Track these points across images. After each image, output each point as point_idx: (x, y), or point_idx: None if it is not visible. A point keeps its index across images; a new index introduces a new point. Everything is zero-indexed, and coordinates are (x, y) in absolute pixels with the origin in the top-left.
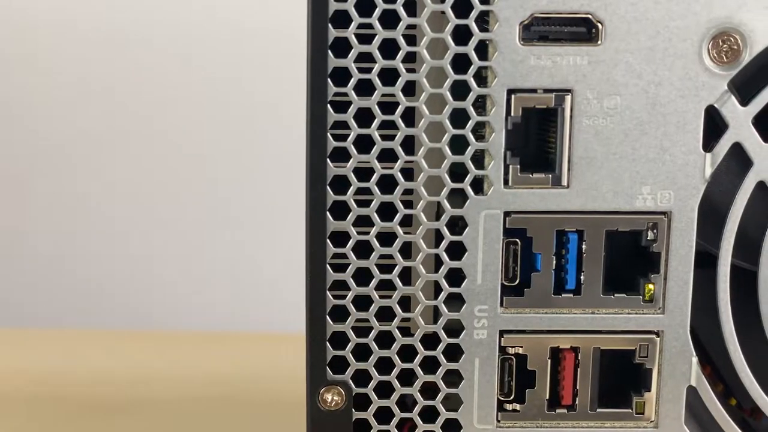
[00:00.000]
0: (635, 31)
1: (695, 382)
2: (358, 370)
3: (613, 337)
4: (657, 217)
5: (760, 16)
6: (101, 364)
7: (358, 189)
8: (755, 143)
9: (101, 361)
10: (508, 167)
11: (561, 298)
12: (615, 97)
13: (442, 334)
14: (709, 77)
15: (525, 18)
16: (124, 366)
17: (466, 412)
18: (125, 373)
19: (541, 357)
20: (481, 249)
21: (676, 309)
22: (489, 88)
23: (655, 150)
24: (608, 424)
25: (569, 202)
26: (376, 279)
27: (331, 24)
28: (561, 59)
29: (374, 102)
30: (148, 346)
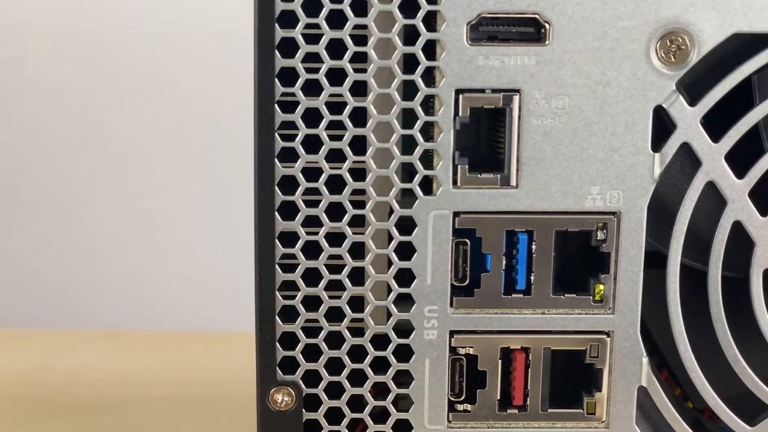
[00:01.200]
0: (583, 32)
1: (646, 382)
2: (308, 371)
3: (564, 337)
4: (606, 217)
5: (708, 16)
6: (79, 363)
7: (306, 189)
8: (704, 143)
9: (80, 361)
10: (456, 167)
11: (511, 299)
12: (563, 97)
13: (392, 334)
14: (657, 77)
15: (472, 18)
16: (103, 366)
17: (416, 413)
18: (105, 373)
19: (491, 357)
20: (430, 249)
21: (627, 309)
22: (437, 88)
23: (603, 150)
24: (559, 424)
25: (518, 203)
26: (326, 279)
27: (278, 24)
28: (509, 59)
29: (322, 102)
30: (127, 346)
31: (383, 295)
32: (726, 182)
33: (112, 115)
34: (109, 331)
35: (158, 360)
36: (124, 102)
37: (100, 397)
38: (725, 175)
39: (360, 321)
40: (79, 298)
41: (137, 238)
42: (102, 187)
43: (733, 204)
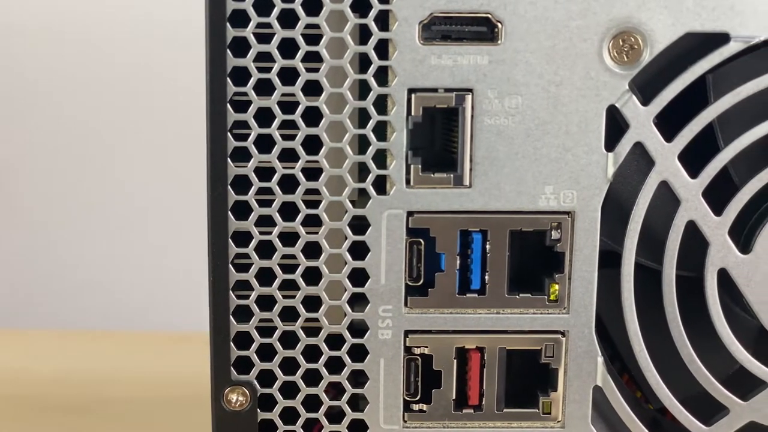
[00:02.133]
0: (535, 31)
1: (601, 381)
2: (263, 371)
3: (519, 336)
4: (560, 216)
5: (660, 15)
6: (61, 364)
7: (259, 189)
8: (657, 143)
9: (62, 361)
10: (409, 167)
11: (466, 298)
12: (516, 96)
13: (347, 334)
14: (610, 77)
15: (424, 17)
16: (86, 366)
17: (372, 413)
18: (87, 374)
19: (446, 357)
20: (384, 249)
21: (581, 309)
22: (390, 88)
23: (557, 150)
24: (515, 424)
25: (472, 202)
26: (280, 279)
27: (229, 23)
28: (461, 58)
29: (274, 101)
30: (108, 347)
31: (338, 294)
32: (679, 182)
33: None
34: (91, 331)
35: (141, 360)
36: (101, 102)
37: (81, 398)
38: (678, 175)
39: (314, 321)
40: (60, 298)
41: (119, 238)
42: (84, 188)
43: (687, 204)
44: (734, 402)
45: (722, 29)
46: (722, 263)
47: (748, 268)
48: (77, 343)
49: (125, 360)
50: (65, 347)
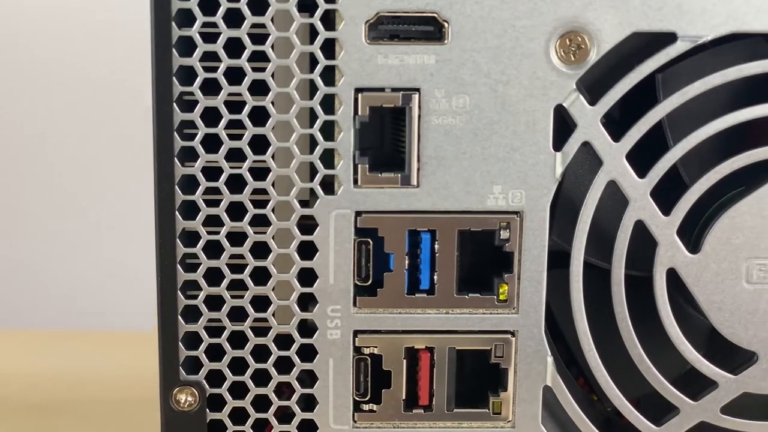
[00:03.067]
0: (481, 30)
1: (551, 381)
2: (212, 371)
3: (469, 336)
4: (509, 216)
5: (607, 15)
6: (37, 364)
7: (207, 189)
8: (605, 142)
9: (38, 362)
10: (357, 167)
11: (415, 298)
12: (463, 96)
13: (296, 334)
14: (557, 76)
15: (370, 17)
16: (62, 366)
17: (321, 413)
18: (64, 374)
19: (396, 357)
20: (332, 249)
21: (531, 309)
22: (336, 87)
23: (505, 149)
24: (465, 424)
25: (420, 202)
26: (228, 279)
27: (174, 23)
28: (408, 58)
29: (221, 101)
30: (87, 346)
31: (286, 294)
32: (627, 181)
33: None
34: (70, 331)
35: (117, 360)
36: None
37: (58, 398)
38: (626, 175)
39: (263, 321)
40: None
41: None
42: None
43: (635, 203)
44: (684, 402)
45: (669, 29)
46: (671, 263)
47: (696, 267)
48: (52, 343)
49: (101, 360)
50: (40, 347)
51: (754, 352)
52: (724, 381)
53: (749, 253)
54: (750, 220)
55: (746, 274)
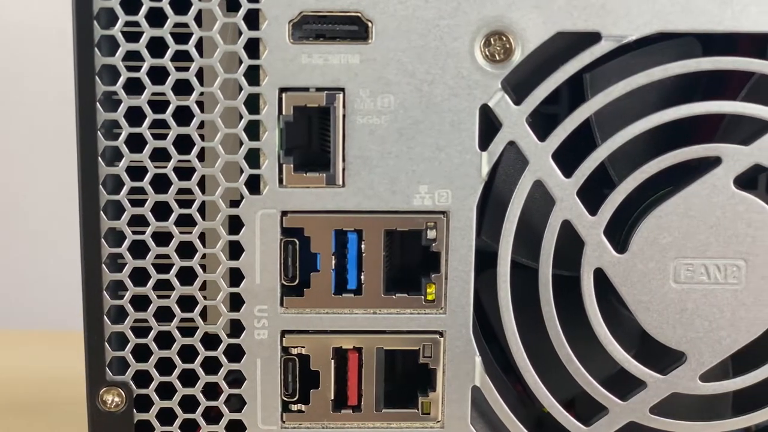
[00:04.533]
0: (406, 30)
1: (479, 382)
2: (138, 371)
3: (397, 337)
4: (436, 216)
5: (531, 15)
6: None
7: (131, 188)
8: (530, 142)
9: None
10: (282, 166)
11: (342, 298)
12: (388, 95)
13: (223, 334)
14: (482, 76)
15: (294, 16)
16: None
17: (250, 413)
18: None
19: (324, 357)
20: (258, 249)
21: (458, 309)
22: (261, 87)
23: (431, 149)
24: (394, 424)
25: (346, 202)
26: (154, 279)
27: (96, 22)
28: (332, 57)
29: (144, 101)
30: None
31: (213, 294)
32: (553, 181)
33: None
34: (45, 331)
35: None
36: None
37: (34, 398)
38: (553, 174)
39: (190, 321)
40: None
41: None
42: None
43: (562, 203)
44: (613, 402)
45: (593, 28)
46: (598, 263)
47: (624, 267)
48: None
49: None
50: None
51: (683, 353)
52: (653, 381)
53: (676, 252)
54: (677, 220)
55: (674, 274)
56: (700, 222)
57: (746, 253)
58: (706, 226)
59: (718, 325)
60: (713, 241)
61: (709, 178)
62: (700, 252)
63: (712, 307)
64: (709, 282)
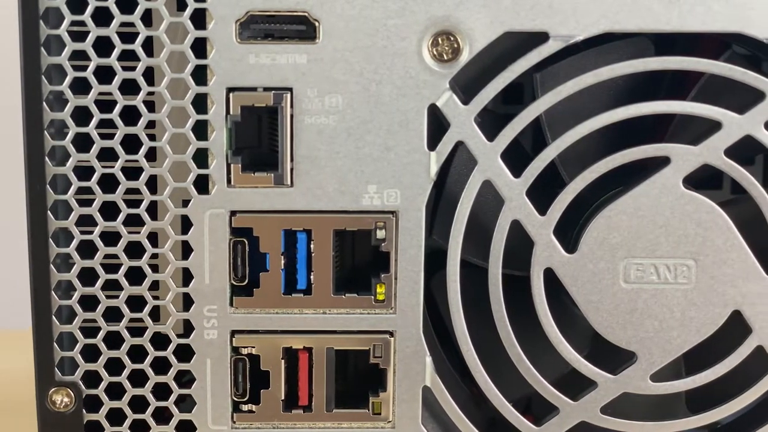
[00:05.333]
0: (353, 29)
1: (430, 382)
2: (88, 371)
3: (347, 337)
4: (385, 216)
5: (479, 14)
6: None
7: (79, 188)
8: (479, 142)
9: None
10: (230, 166)
11: (292, 298)
12: (336, 95)
13: (172, 334)
14: (430, 76)
15: (241, 16)
16: None
17: (200, 413)
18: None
19: (274, 357)
20: (207, 248)
21: (408, 309)
22: (208, 87)
23: (379, 149)
24: (345, 424)
25: (294, 202)
26: (102, 279)
27: (42, 21)
28: (280, 57)
29: (91, 100)
30: None
31: (162, 294)
32: (502, 181)
33: None
34: None
35: None
36: None
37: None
38: (501, 174)
39: (139, 321)
40: None
41: None
42: None
43: (511, 203)
44: (564, 402)
45: (541, 28)
46: (548, 263)
47: (574, 267)
48: None
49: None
50: None
51: (634, 353)
52: (604, 381)
53: (626, 252)
54: (626, 219)
55: (623, 274)
56: (649, 222)
57: (696, 253)
58: (655, 226)
59: (669, 325)
60: (663, 241)
61: (659, 178)
62: (650, 252)
63: (662, 307)
64: (659, 282)
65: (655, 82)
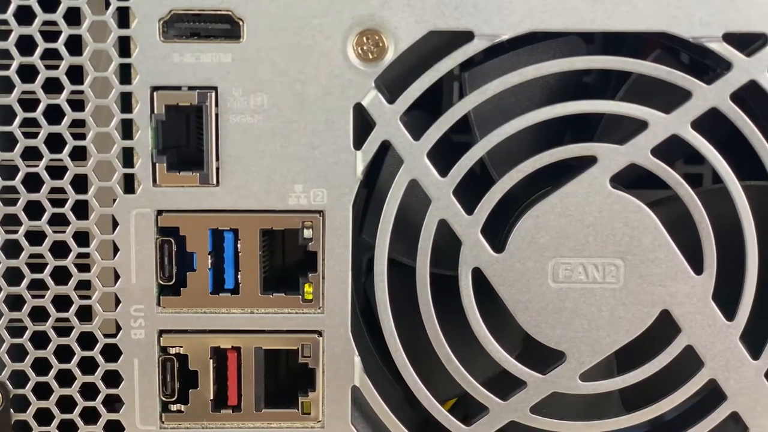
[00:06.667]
0: (278, 28)
1: (359, 381)
2: (15, 371)
3: (275, 336)
4: (311, 215)
5: (403, 13)
6: None
7: (3, 188)
8: (404, 141)
9: None
10: (155, 166)
11: (219, 298)
12: (261, 94)
13: (99, 334)
14: (355, 75)
15: (164, 14)
16: None
17: (128, 413)
18: None
19: (202, 357)
20: (133, 248)
21: (336, 309)
22: (132, 86)
23: (305, 148)
24: (275, 424)
25: (220, 201)
26: (28, 278)
27: None
28: (204, 56)
29: (14, 99)
30: None
31: (89, 294)
32: (429, 180)
33: None
34: None
35: None
36: None
37: None
38: (428, 174)
39: (66, 321)
40: None
41: None
42: None
43: (438, 202)
44: (494, 402)
45: (466, 27)
46: (476, 262)
47: (502, 267)
48: None
49: None
50: None
51: (563, 352)
52: (533, 381)
53: (554, 252)
54: (554, 219)
55: (552, 274)
56: (577, 221)
57: (624, 253)
58: (583, 226)
59: (597, 325)
60: (591, 240)
61: (586, 177)
62: (578, 251)
63: (590, 307)
64: (587, 281)
65: (603, 83)
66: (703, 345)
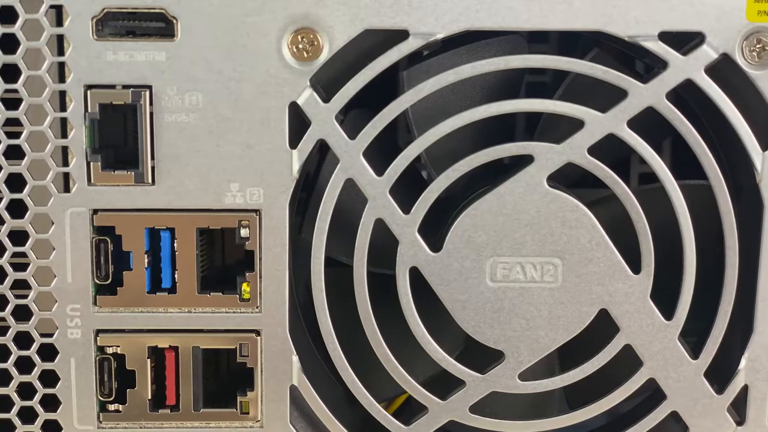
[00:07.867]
0: (212, 27)
1: (297, 381)
2: None
3: (213, 336)
4: (248, 214)
5: (338, 12)
6: None
7: None
8: (340, 140)
9: None
10: (90, 164)
11: (156, 297)
12: (196, 93)
13: (35, 333)
14: (290, 74)
15: (97, 13)
16: None
17: (65, 413)
18: None
19: (139, 356)
20: (69, 247)
21: (274, 308)
22: (66, 84)
23: (241, 147)
24: (213, 424)
25: (156, 200)
26: None
27: None
28: (138, 54)
29: None
30: None
31: (25, 293)
32: (365, 179)
33: None
34: None
35: None
36: None
37: None
38: (364, 173)
39: (2, 320)
40: None
41: None
42: None
43: (374, 201)
44: (433, 401)
45: (401, 26)
46: (413, 261)
47: (439, 266)
48: None
49: None
50: None
51: (502, 352)
52: (472, 380)
53: (492, 251)
54: (491, 218)
55: (490, 273)
56: (514, 220)
57: (562, 252)
58: (520, 225)
59: (536, 324)
60: (528, 239)
61: (523, 176)
62: (516, 250)
63: (529, 306)
64: (525, 280)
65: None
66: (641, 344)
